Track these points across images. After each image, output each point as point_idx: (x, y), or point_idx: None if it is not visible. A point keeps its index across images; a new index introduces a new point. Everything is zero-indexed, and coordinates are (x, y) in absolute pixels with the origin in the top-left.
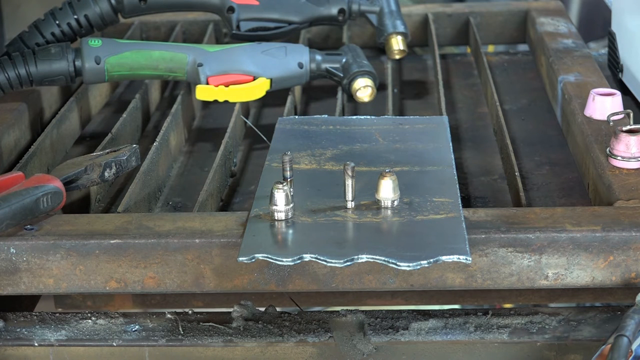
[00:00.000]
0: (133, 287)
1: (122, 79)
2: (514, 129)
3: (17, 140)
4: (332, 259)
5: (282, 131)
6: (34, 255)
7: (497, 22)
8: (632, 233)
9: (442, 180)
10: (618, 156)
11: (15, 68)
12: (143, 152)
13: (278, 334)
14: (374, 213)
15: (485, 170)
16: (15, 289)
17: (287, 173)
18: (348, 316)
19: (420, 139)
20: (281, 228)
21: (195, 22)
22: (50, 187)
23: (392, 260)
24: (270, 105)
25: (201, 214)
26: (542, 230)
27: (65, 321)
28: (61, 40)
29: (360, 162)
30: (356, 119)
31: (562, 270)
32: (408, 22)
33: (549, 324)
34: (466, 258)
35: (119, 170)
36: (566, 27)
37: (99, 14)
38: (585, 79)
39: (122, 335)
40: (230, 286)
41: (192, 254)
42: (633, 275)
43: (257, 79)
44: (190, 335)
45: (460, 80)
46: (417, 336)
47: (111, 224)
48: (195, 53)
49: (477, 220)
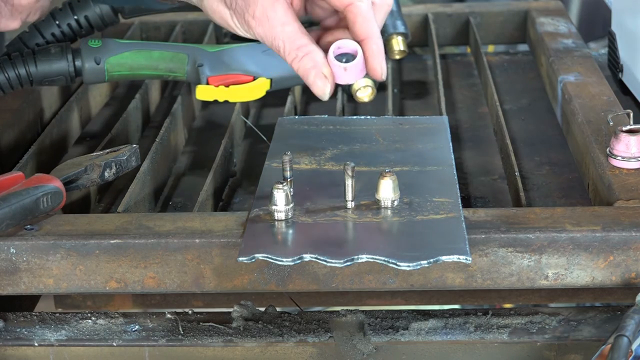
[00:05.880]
0: (133, 287)
1: (122, 79)
2: (514, 129)
3: (17, 140)
4: (332, 259)
5: (282, 131)
6: (34, 255)
7: (497, 22)
8: (632, 233)
9: (442, 180)
10: (618, 156)
11: (15, 68)
12: (143, 152)
13: (278, 334)
14: (374, 213)
15: (485, 170)
16: (15, 289)
17: (287, 173)
18: (348, 316)
19: (420, 139)
20: (281, 228)
21: (195, 22)
22: (50, 187)
23: (392, 260)
24: (270, 105)
25: (201, 214)
26: (542, 230)
27: (65, 321)
28: (61, 40)
29: (360, 162)
30: (356, 119)
31: (562, 270)
32: (408, 22)
33: (549, 324)
34: (466, 258)
35: (119, 170)
36: (566, 27)
37: (99, 15)
38: (585, 79)
39: (122, 335)
40: (230, 286)
41: (192, 254)
42: (633, 275)
43: (257, 79)
44: (190, 335)
45: (460, 80)
46: (417, 336)
47: (111, 224)
48: (195, 53)
49: (477, 220)
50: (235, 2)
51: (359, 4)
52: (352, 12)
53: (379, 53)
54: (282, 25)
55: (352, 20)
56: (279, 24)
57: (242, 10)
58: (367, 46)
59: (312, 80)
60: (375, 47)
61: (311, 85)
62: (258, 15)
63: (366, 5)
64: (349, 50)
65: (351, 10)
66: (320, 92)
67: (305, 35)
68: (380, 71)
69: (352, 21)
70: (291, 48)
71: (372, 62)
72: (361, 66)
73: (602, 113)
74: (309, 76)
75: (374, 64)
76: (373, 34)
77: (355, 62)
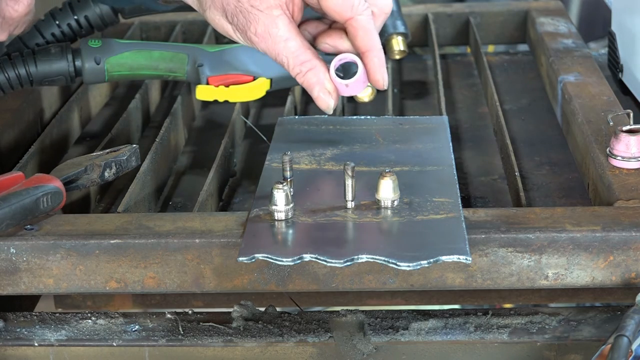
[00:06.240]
0: (133, 287)
1: (122, 79)
2: (514, 129)
3: (17, 140)
4: (332, 259)
5: (282, 131)
6: (34, 255)
7: (497, 22)
8: (632, 233)
9: (442, 180)
10: (618, 156)
11: (15, 68)
12: (143, 152)
13: (278, 334)
14: (374, 213)
15: (485, 170)
16: (15, 289)
17: (287, 173)
18: (348, 316)
19: (420, 139)
20: (281, 228)
21: (195, 22)
22: (50, 187)
23: (392, 260)
24: (270, 105)
25: (201, 214)
26: (542, 230)
27: (65, 321)
28: (61, 40)
29: (360, 162)
30: (356, 119)
31: (562, 270)
32: (408, 22)
33: (549, 324)
34: (466, 258)
35: (119, 170)
36: (566, 27)
37: (99, 15)
38: (585, 79)
39: (122, 335)
40: (230, 286)
41: (192, 254)
42: (633, 275)
43: (257, 79)
44: (190, 335)
45: (460, 80)
46: (417, 336)
47: (111, 224)
48: (195, 53)
49: (477, 220)
50: (237, 18)
51: (359, 17)
52: (353, 25)
53: (381, 65)
54: (284, 41)
55: (353, 33)
56: (281, 40)
57: (244, 26)
58: (368, 59)
59: (317, 94)
60: (376, 59)
61: (316, 99)
62: (260, 32)
63: (366, 17)
64: (350, 60)
65: (352, 24)
66: (325, 106)
67: (308, 50)
68: (382, 82)
69: (353, 34)
70: (295, 63)
71: (374, 75)
72: (363, 78)
73: (602, 113)
74: (313, 90)
75: (376, 75)
76: (374, 46)
77: (356, 78)
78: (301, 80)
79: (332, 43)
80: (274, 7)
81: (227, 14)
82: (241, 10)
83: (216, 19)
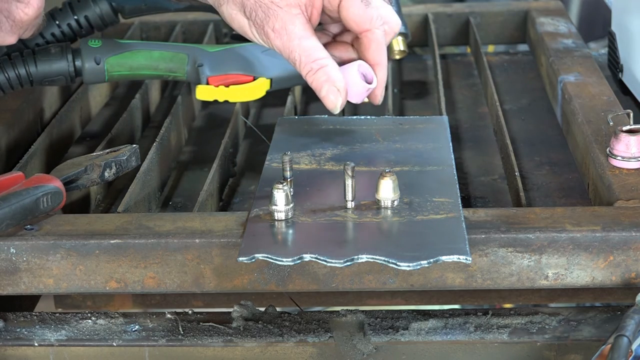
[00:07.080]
0: (133, 287)
1: (122, 79)
2: (514, 129)
3: (17, 140)
4: (332, 259)
5: (282, 131)
6: (34, 255)
7: (497, 22)
8: (632, 233)
9: (442, 180)
10: (618, 156)
11: (15, 68)
12: (143, 152)
13: (278, 334)
14: (374, 213)
15: (485, 170)
16: (15, 289)
17: (287, 173)
18: (348, 316)
19: (420, 139)
20: (281, 228)
21: (195, 22)
22: (50, 187)
23: (392, 260)
24: (270, 105)
25: (201, 214)
26: (542, 230)
27: (65, 321)
28: (61, 40)
29: (360, 162)
30: (356, 119)
31: (562, 270)
32: (408, 22)
33: (549, 324)
34: (466, 258)
35: (119, 170)
36: (566, 27)
37: (99, 15)
38: (585, 79)
39: (122, 335)
40: (230, 286)
41: (192, 254)
42: (633, 275)
43: (257, 79)
44: (190, 335)
45: (460, 80)
46: (417, 336)
47: (111, 224)
48: (195, 53)
49: (477, 220)
50: (255, 13)
51: (376, 31)
52: (368, 37)
53: (384, 81)
54: (299, 39)
55: (366, 45)
56: (297, 37)
57: (262, 21)
58: (375, 72)
59: (325, 93)
60: (382, 75)
61: (323, 99)
62: (277, 28)
63: (381, 32)
64: (364, 72)
65: (367, 35)
66: (332, 105)
67: (322, 50)
68: (380, 97)
69: (365, 46)
70: (307, 61)
71: (377, 88)
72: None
73: (602, 113)
74: (321, 89)
75: (377, 90)
76: (382, 61)
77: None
78: (311, 78)
79: (337, 54)
80: (293, 5)
81: (245, 9)
82: (261, 5)
83: (233, 13)
